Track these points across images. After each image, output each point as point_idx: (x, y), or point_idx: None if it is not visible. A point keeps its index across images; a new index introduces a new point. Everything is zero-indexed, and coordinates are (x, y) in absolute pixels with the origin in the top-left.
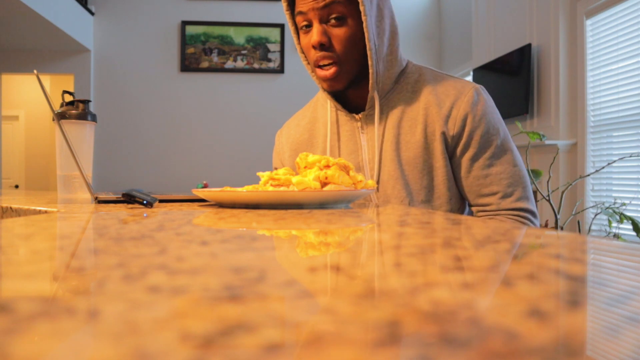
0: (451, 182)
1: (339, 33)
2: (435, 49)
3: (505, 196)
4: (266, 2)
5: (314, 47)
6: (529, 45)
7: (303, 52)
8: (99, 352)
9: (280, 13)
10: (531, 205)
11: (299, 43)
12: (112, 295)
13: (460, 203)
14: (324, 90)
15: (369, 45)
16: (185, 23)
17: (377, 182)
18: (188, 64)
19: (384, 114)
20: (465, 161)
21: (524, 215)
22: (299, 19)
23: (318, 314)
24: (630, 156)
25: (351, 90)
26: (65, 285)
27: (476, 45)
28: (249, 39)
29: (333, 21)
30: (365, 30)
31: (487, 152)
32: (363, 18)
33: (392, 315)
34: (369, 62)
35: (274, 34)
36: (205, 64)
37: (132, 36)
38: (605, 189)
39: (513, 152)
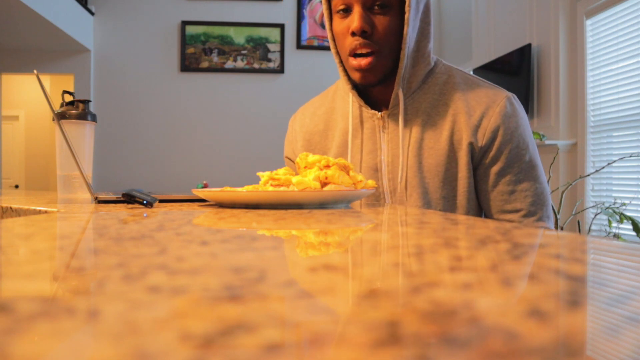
0: (472, 194)
1: (382, 21)
2: (435, 49)
3: (528, 215)
4: (266, 2)
5: (353, 33)
6: (529, 45)
7: (334, 39)
8: (99, 352)
9: (280, 13)
10: (550, 224)
11: (332, 29)
12: (112, 295)
13: (477, 217)
14: (350, 82)
15: (406, 38)
16: (185, 23)
17: (396, 188)
18: (188, 64)
19: (407, 114)
20: (492, 174)
21: None
22: (336, 1)
23: (318, 314)
24: (630, 156)
25: (377, 87)
26: (65, 285)
27: (476, 45)
28: (249, 39)
29: (377, 8)
30: (405, 22)
31: (515, 168)
32: (406, 9)
33: (392, 315)
34: (401, 56)
35: (274, 34)
36: (205, 64)
37: (132, 36)
38: (605, 189)
39: (539, 167)
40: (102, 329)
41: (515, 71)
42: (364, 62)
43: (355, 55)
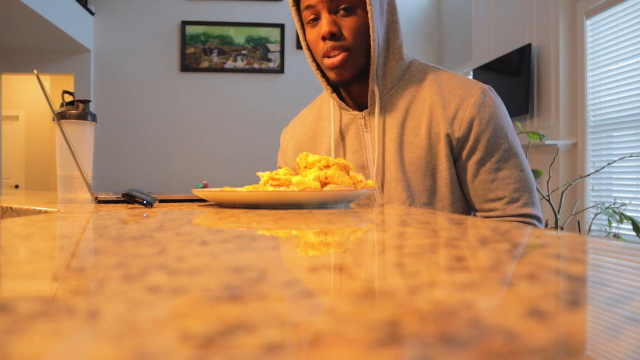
0: (455, 185)
1: (348, 23)
2: (435, 49)
3: (512, 202)
4: (266, 2)
5: (323, 37)
6: (529, 45)
7: (309, 49)
8: (99, 352)
9: (280, 13)
10: (537, 211)
11: (305, 39)
12: (112, 295)
13: (464, 207)
14: (329, 81)
15: (373, 35)
16: (185, 23)
17: (382, 183)
18: (188, 64)
19: (386, 111)
20: (471, 165)
21: (529, 221)
22: (306, 13)
23: (318, 314)
24: (630, 156)
25: (356, 88)
26: (65, 285)
27: (476, 45)
28: (249, 39)
29: (342, 12)
30: (370, 20)
31: (495, 156)
32: (368, 8)
33: (392, 315)
34: (371, 53)
35: (274, 34)
36: (205, 64)
37: (132, 36)
38: (605, 189)
39: (520, 155)
40: (102, 329)
41: (515, 71)
42: (336, 59)
43: (328, 56)
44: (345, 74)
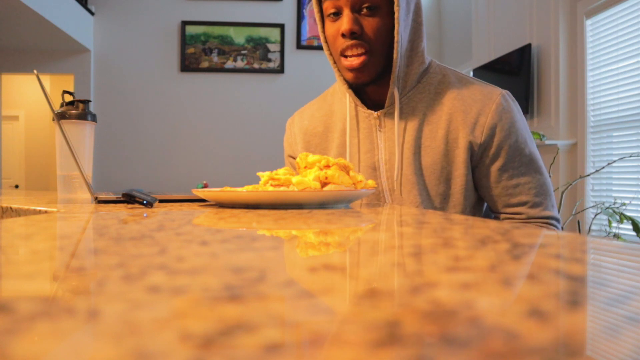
0: (469, 191)
1: (371, 23)
2: (435, 49)
3: (535, 205)
4: (266, 2)
5: (343, 35)
6: (529, 45)
7: (327, 42)
8: (99, 352)
9: (280, 13)
10: (556, 213)
11: (324, 32)
12: (112, 295)
13: (474, 212)
14: (346, 82)
15: (397, 37)
16: (185, 23)
17: (400, 185)
18: (188, 64)
19: (404, 114)
20: (494, 171)
21: (551, 222)
22: (327, 4)
23: (318, 314)
24: (630, 156)
25: (372, 87)
26: (65, 285)
27: (476, 45)
28: (249, 39)
29: (365, 10)
30: (396, 21)
31: (516, 162)
32: (395, 9)
33: (392, 315)
34: (394, 55)
35: (274, 34)
36: (205, 64)
37: (132, 36)
38: (605, 189)
39: (539, 160)
40: (102, 329)
41: (515, 71)
42: (355, 61)
43: (346, 55)
44: (363, 78)
